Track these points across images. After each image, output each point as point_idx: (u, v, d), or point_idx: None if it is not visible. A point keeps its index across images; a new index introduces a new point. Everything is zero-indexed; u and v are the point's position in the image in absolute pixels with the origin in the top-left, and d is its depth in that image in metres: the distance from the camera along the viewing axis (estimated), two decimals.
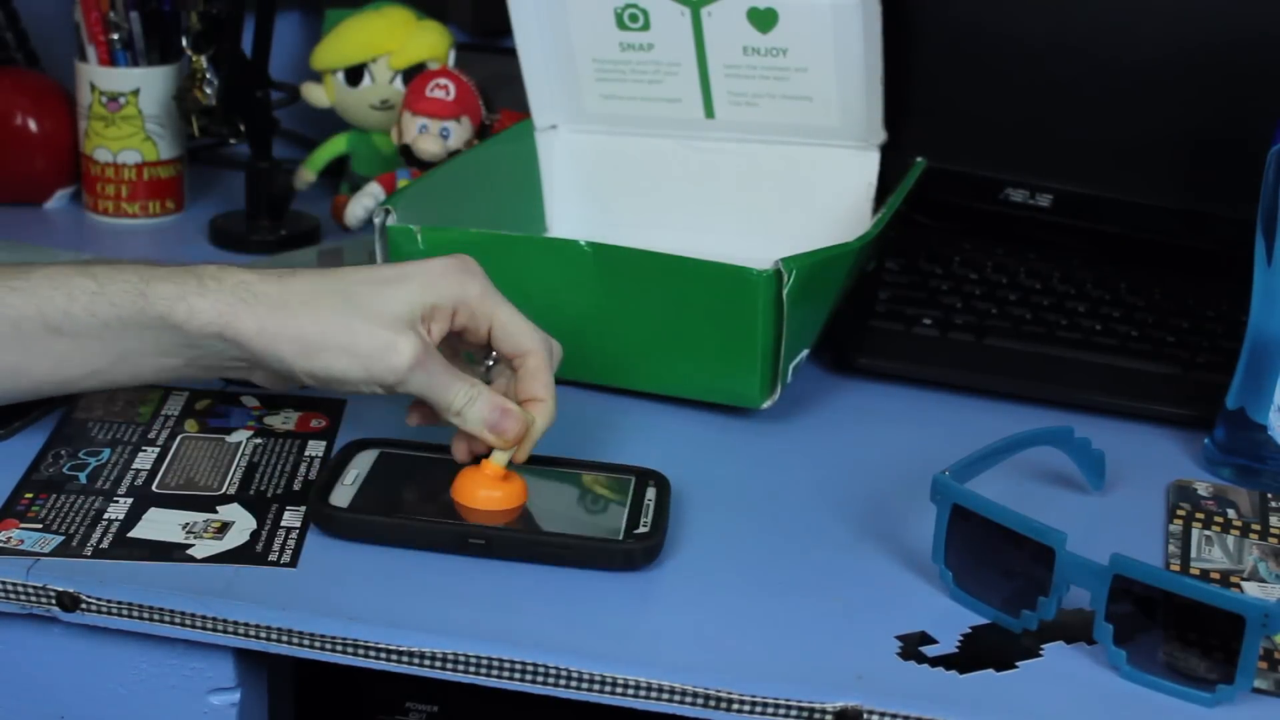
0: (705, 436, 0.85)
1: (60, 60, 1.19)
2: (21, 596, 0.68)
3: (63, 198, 1.18)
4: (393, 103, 1.14)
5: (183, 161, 1.17)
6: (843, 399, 0.91)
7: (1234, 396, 0.83)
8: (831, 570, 0.73)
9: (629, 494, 0.76)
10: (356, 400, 0.86)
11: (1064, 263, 1.01)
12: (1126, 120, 1.02)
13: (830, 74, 0.99)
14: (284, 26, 1.19)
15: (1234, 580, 0.74)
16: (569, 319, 0.87)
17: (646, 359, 0.87)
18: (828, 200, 1.03)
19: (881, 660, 0.66)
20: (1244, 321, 0.83)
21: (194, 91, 1.10)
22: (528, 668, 0.65)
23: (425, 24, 1.15)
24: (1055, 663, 0.67)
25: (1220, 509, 0.80)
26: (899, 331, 0.95)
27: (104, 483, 0.76)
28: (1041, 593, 0.67)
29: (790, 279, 0.81)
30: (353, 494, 0.74)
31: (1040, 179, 1.05)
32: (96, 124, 1.13)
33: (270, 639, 0.67)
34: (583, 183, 1.08)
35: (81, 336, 0.73)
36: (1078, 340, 0.94)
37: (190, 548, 0.71)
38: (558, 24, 1.02)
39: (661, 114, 1.04)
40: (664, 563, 0.72)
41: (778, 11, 0.97)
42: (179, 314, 0.71)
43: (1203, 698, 0.64)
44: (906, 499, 0.78)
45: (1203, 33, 0.99)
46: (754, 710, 0.64)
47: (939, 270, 1.00)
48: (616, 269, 0.85)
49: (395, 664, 0.66)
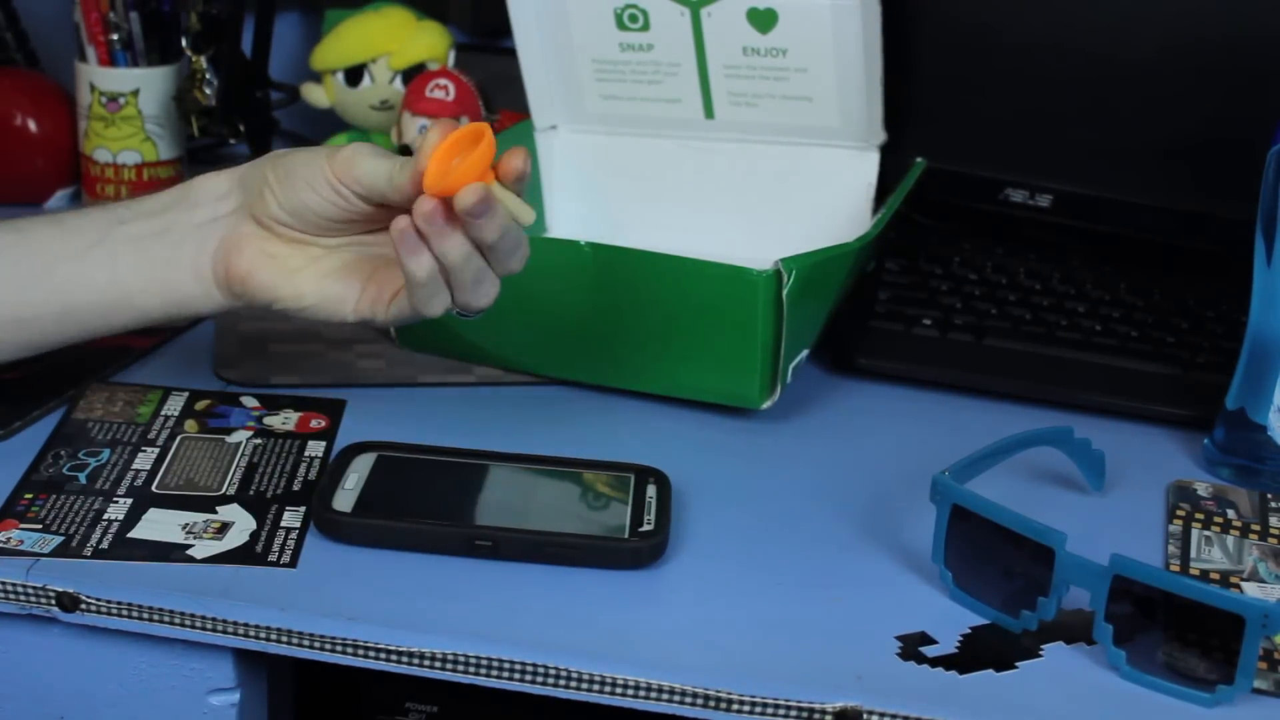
0: (705, 436, 0.85)
1: (60, 60, 1.19)
2: (21, 597, 0.68)
3: (63, 198, 1.18)
4: (392, 103, 1.14)
5: (183, 162, 1.17)
6: (843, 399, 0.91)
7: (1234, 397, 0.83)
8: (831, 570, 0.73)
9: (630, 492, 0.76)
10: (356, 400, 0.86)
11: (1064, 263, 1.01)
12: (1126, 120, 1.02)
13: (830, 74, 0.99)
14: (284, 26, 1.19)
15: (1234, 581, 0.74)
16: (569, 319, 0.87)
17: (646, 359, 0.87)
18: (828, 200, 1.02)
19: (881, 660, 0.66)
20: (1244, 322, 0.83)
21: (194, 91, 1.10)
22: (527, 668, 0.65)
23: (425, 24, 1.15)
24: (1055, 663, 0.67)
25: (1220, 509, 0.80)
26: (899, 332, 0.95)
27: (104, 483, 0.76)
28: (1041, 593, 0.67)
29: (790, 279, 0.81)
30: (355, 498, 0.74)
31: (1040, 179, 1.05)
32: (96, 124, 1.13)
33: (270, 639, 0.67)
34: (583, 183, 1.08)
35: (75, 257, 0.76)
36: (1077, 341, 0.94)
37: (190, 548, 0.71)
38: (558, 24, 1.02)
39: (661, 114, 1.04)
40: (664, 563, 0.72)
41: (777, 12, 0.97)
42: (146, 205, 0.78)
43: (1202, 698, 0.65)
44: (906, 499, 0.78)
45: (1203, 33, 0.99)
46: (754, 710, 0.64)
47: (939, 270, 1.00)
48: (616, 269, 0.85)
49: (395, 664, 0.66)
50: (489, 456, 0.78)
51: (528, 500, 0.76)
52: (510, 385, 0.89)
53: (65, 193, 1.18)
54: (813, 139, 1.02)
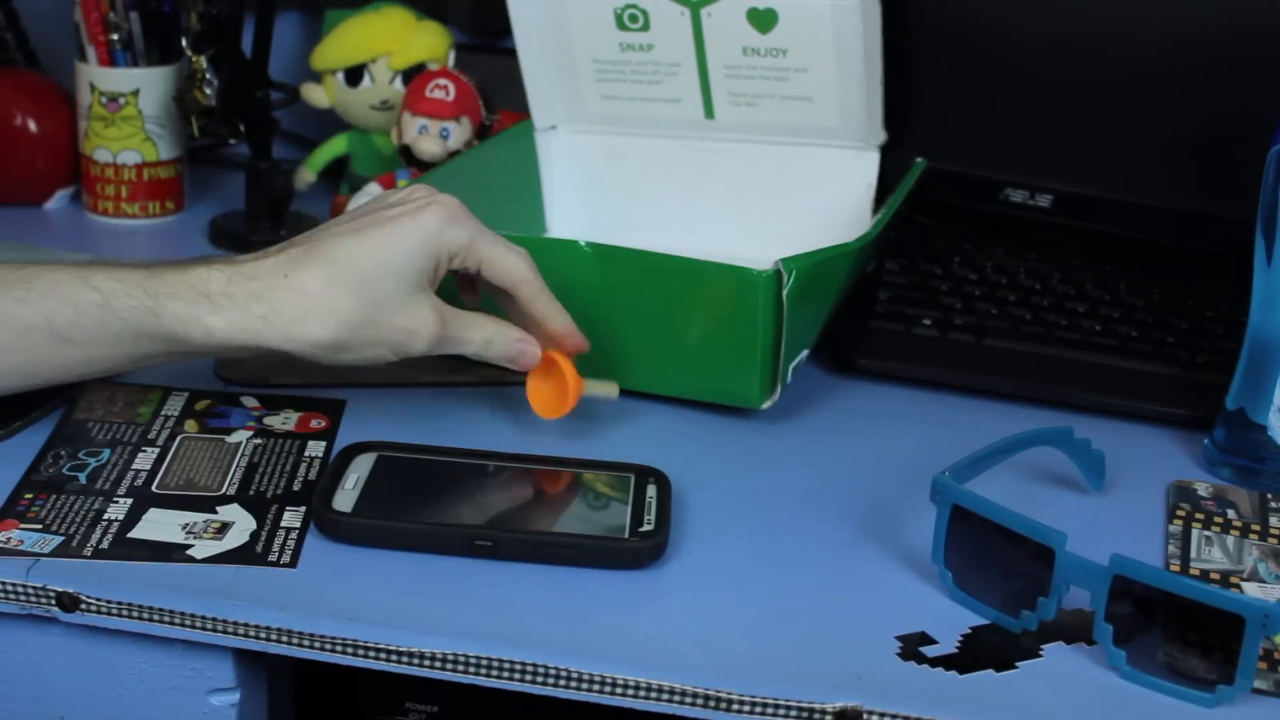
0: (705, 436, 0.85)
1: (60, 60, 1.19)
2: (21, 597, 0.68)
3: (63, 198, 1.18)
4: (393, 103, 1.14)
5: (183, 162, 1.17)
6: (843, 399, 0.91)
7: (1234, 397, 0.83)
8: (831, 570, 0.73)
9: (630, 492, 0.76)
10: (356, 400, 0.86)
11: (1064, 263, 1.01)
12: (1127, 120, 1.02)
13: (830, 74, 0.99)
14: (284, 26, 1.19)
15: (1234, 581, 0.74)
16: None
17: (646, 359, 0.87)
18: (828, 200, 1.02)
19: (881, 660, 0.66)
20: (1244, 322, 0.83)
21: (194, 92, 1.10)
22: (527, 668, 0.65)
23: (425, 24, 1.15)
24: (1055, 663, 0.67)
25: (1220, 509, 0.80)
26: (899, 332, 0.95)
27: (104, 483, 0.76)
28: (1041, 593, 0.67)
29: (790, 279, 0.81)
30: (355, 498, 0.74)
31: (1040, 179, 1.05)
32: (96, 124, 1.13)
33: (270, 639, 0.67)
34: (583, 183, 1.08)
35: (92, 345, 0.74)
36: (1077, 341, 0.94)
37: (190, 548, 0.71)
38: (558, 24, 1.02)
39: (661, 114, 1.04)
40: (664, 563, 0.72)
41: (777, 12, 0.97)
42: (195, 335, 0.73)
43: (1202, 698, 0.64)
44: (906, 499, 0.78)
45: (1203, 33, 0.99)
46: (754, 710, 0.64)
47: (939, 270, 1.00)
48: (616, 269, 0.85)
49: (395, 664, 0.66)
50: (489, 456, 0.78)
51: (528, 500, 0.76)
52: (510, 385, 0.89)
53: (65, 193, 1.18)
54: (813, 139, 1.02)
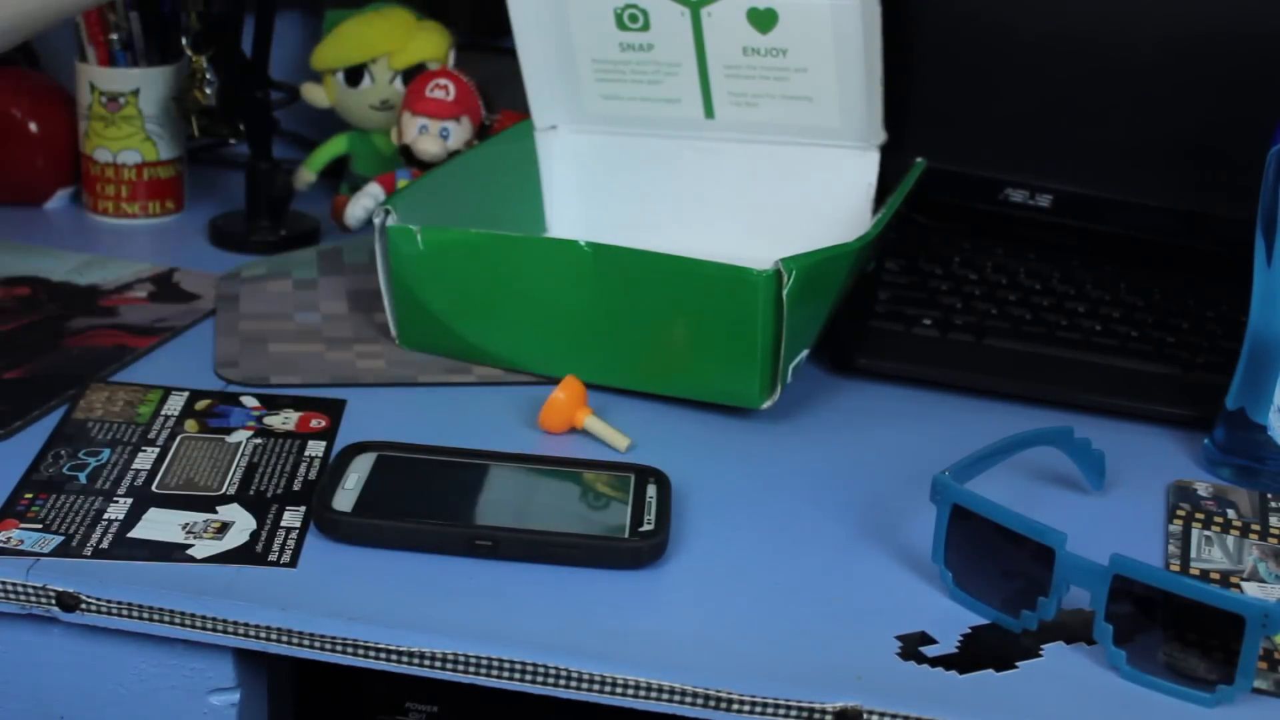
0: (705, 436, 0.85)
1: (60, 60, 1.19)
2: (21, 597, 0.68)
3: (63, 198, 1.18)
4: (393, 103, 1.14)
5: (183, 161, 1.17)
6: (843, 399, 0.91)
7: (1234, 397, 0.83)
8: (831, 570, 0.73)
9: (630, 492, 0.76)
10: (356, 400, 0.86)
11: (1064, 263, 1.01)
12: (1126, 120, 1.02)
13: (830, 74, 0.99)
14: (284, 26, 1.19)
15: (1234, 580, 0.74)
16: (569, 319, 0.87)
17: (646, 359, 0.87)
18: (828, 200, 1.03)
19: (881, 660, 0.66)
20: (1244, 322, 0.83)
21: (194, 91, 1.10)
22: (527, 668, 0.65)
23: (425, 24, 1.16)
24: (1055, 663, 0.67)
25: (1220, 509, 0.80)
26: (899, 332, 0.95)
27: (104, 483, 0.76)
28: (1041, 593, 0.67)
29: (790, 279, 0.81)
30: (355, 498, 0.74)
31: (1040, 179, 1.05)
32: (96, 124, 1.13)
33: (270, 639, 0.67)
34: (583, 183, 1.08)
35: None
36: (1077, 341, 0.94)
37: (190, 548, 0.71)
38: (558, 24, 1.02)
39: (661, 114, 1.04)
40: (664, 563, 0.72)
41: (777, 12, 0.97)
42: None
43: (1203, 698, 0.65)
44: (906, 499, 0.78)
45: (1203, 33, 0.99)
46: (754, 710, 0.64)
47: (939, 270, 1.00)
48: (616, 269, 0.85)
49: (395, 664, 0.66)
50: (489, 456, 0.78)
51: (528, 500, 0.76)
52: (510, 385, 0.89)
53: (65, 192, 1.18)
54: (813, 139, 1.02)
